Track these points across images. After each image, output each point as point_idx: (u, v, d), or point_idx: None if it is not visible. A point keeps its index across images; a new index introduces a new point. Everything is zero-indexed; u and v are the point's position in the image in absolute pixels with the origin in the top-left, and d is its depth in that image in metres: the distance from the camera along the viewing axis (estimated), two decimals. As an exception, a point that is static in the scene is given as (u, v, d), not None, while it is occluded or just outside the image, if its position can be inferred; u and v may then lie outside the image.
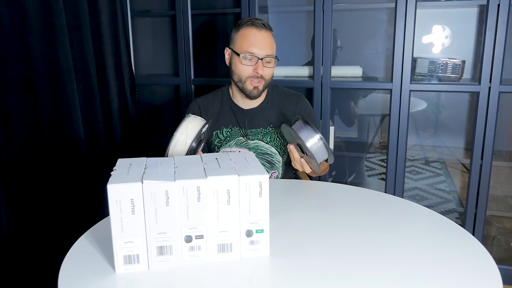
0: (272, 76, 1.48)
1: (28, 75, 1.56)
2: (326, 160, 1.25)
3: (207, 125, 1.30)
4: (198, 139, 1.26)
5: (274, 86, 1.57)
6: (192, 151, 1.25)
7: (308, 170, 1.30)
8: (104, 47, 1.95)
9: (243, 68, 1.41)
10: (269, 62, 1.42)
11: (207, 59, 2.42)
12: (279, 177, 1.54)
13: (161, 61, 2.56)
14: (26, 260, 1.57)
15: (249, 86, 1.43)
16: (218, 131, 1.53)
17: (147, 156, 0.97)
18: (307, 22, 2.31)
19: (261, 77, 1.42)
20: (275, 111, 1.52)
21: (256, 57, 1.39)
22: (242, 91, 1.46)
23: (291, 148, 1.28)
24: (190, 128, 1.25)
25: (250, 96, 1.45)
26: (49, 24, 1.61)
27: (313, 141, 1.20)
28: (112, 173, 0.85)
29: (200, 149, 1.32)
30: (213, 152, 1.55)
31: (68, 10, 1.70)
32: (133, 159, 0.94)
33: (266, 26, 1.42)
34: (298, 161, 1.29)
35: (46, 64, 1.62)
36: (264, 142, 1.51)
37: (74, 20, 1.75)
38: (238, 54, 1.40)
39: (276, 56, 1.45)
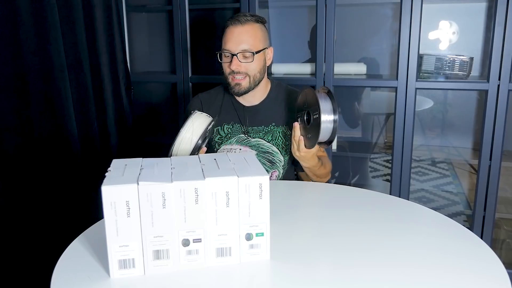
0: (262, 71, 1.47)
1: (19, 72, 1.56)
2: (326, 143, 1.30)
3: (213, 122, 1.31)
4: (204, 136, 1.27)
5: (278, 84, 1.58)
6: (197, 149, 1.26)
7: (302, 149, 1.34)
8: (98, 44, 1.95)
9: (223, 66, 1.47)
10: (248, 57, 1.42)
11: (205, 56, 2.42)
12: (280, 176, 1.54)
13: (157, 58, 2.56)
14: (17, 265, 1.57)
15: (231, 82, 1.46)
16: (219, 127, 1.54)
17: (143, 157, 0.97)
18: (309, 17, 2.31)
19: (240, 72, 1.43)
20: (277, 109, 1.53)
21: (231, 53, 1.42)
22: (230, 89, 1.49)
23: (296, 125, 1.34)
24: (196, 125, 1.27)
25: (235, 93, 1.48)
26: (41, 19, 1.61)
27: (328, 117, 1.25)
28: (106, 174, 0.85)
29: (204, 145, 1.32)
30: (213, 149, 1.56)
31: (61, 5, 1.70)
32: (129, 160, 0.94)
33: (242, 22, 1.42)
34: (297, 139, 1.34)
35: (38, 61, 1.62)
36: (266, 140, 1.51)
37: (67, 15, 1.75)
38: (220, 55, 1.46)
39: (262, 48, 1.44)
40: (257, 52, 1.42)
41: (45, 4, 1.61)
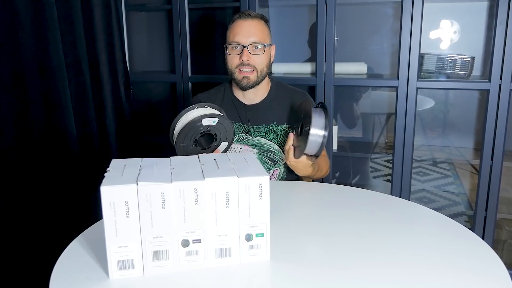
0: (268, 66, 1.50)
1: (17, 72, 1.56)
2: (315, 156, 1.33)
3: (213, 117, 1.31)
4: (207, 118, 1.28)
5: (278, 83, 1.59)
6: (194, 127, 1.26)
7: (291, 158, 1.37)
8: (97, 43, 1.95)
9: (230, 59, 1.47)
10: (257, 49, 1.45)
11: (205, 55, 2.42)
12: (281, 174, 1.54)
13: (156, 58, 2.56)
14: (16, 265, 1.57)
15: (238, 76, 1.47)
16: None
17: (142, 157, 0.97)
18: (309, 16, 2.31)
19: (249, 65, 1.45)
20: (279, 108, 1.54)
21: (241, 45, 1.44)
22: (236, 83, 1.50)
23: (290, 135, 1.37)
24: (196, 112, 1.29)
25: (242, 87, 1.48)
26: (40, 18, 1.61)
27: (318, 132, 1.27)
28: (105, 174, 0.85)
29: (218, 145, 1.34)
30: None
31: (60, 4, 1.70)
32: (128, 160, 0.94)
33: (252, 16, 1.46)
34: (287, 148, 1.37)
35: (37, 60, 1.62)
36: (267, 139, 1.52)
37: (65, 14, 1.75)
38: (226, 47, 1.47)
39: (269, 44, 1.48)
40: (266, 45, 1.46)
41: (43, 3, 1.61)
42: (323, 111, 1.31)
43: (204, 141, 1.34)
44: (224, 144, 1.37)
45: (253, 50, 1.44)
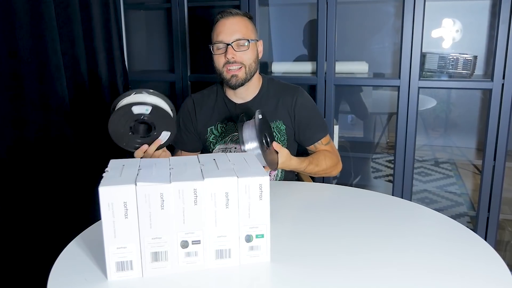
0: (256, 61, 1.48)
1: (15, 71, 1.56)
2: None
3: (143, 104, 1.24)
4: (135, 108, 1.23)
5: (270, 80, 1.58)
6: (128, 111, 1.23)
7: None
8: (96, 42, 1.95)
9: (216, 58, 1.46)
10: (243, 46, 1.44)
11: (204, 54, 2.42)
12: (278, 174, 1.54)
13: (155, 57, 2.56)
14: (14, 267, 1.57)
15: (226, 75, 1.45)
16: (213, 127, 1.55)
17: (141, 157, 0.97)
18: (309, 15, 2.31)
19: (235, 62, 1.43)
20: (271, 105, 1.52)
21: (224, 43, 1.43)
22: (225, 83, 1.49)
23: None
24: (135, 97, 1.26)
25: (232, 86, 1.47)
26: (37, 16, 1.61)
27: (251, 146, 1.24)
28: (104, 174, 0.85)
29: (158, 134, 1.28)
30: (208, 149, 1.56)
31: (57, 2, 1.70)
32: (126, 160, 0.94)
33: (233, 13, 1.46)
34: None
35: (34, 59, 1.62)
36: None
37: (63, 13, 1.74)
38: (212, 48, 1.46)
39: (254, 39, 1.47)
40: (251, 41, 1.44)
41: (41, 1, 1.61)
42: (248, 121, 1.27)
43: (143, 129, 1.29)
44: (166, 134, 1.30)
45: (238, 47, 1.43)
